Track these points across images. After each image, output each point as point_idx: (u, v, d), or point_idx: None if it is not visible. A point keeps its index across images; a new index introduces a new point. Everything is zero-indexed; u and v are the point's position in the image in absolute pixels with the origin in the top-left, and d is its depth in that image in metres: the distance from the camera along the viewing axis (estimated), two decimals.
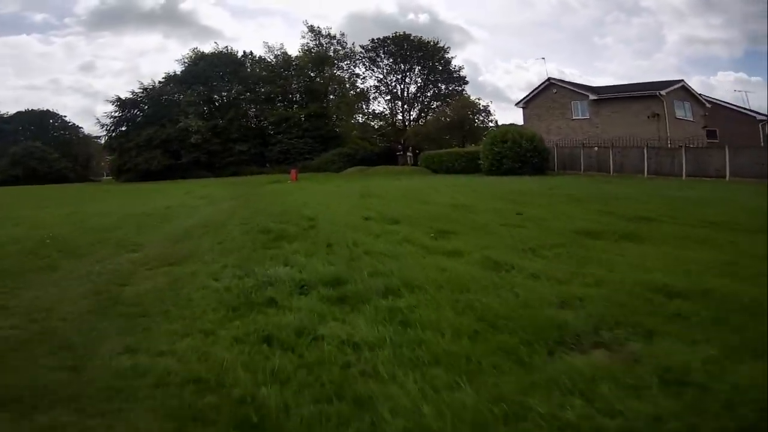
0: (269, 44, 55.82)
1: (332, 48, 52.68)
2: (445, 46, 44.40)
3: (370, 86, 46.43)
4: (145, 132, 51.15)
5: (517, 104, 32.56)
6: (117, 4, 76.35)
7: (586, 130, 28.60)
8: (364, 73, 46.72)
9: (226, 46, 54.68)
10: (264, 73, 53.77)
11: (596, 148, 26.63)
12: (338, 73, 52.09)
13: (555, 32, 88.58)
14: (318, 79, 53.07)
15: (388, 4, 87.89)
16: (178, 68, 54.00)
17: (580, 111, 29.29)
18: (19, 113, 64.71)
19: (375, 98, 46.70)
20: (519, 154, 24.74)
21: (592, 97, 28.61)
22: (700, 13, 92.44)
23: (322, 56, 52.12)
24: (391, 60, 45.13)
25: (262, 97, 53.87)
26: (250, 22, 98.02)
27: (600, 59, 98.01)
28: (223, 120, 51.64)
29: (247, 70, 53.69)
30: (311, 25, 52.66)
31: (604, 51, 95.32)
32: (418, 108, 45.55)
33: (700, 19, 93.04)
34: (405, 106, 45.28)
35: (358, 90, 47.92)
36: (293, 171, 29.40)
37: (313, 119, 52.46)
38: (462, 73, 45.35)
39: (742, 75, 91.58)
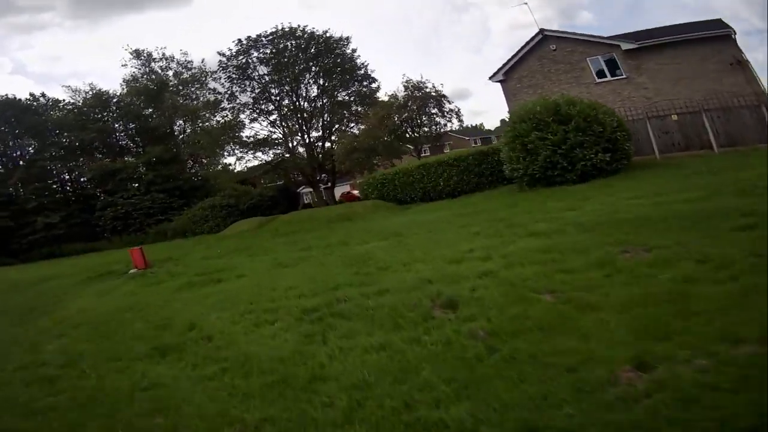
0: (72, 86, 38.20)
1: (172, 72, 37.42)
2: (344, 37, 31.80)
3: (242, 104, 31.39)
4: None
5: (492, 77, 21.15)
6: None
7: (626, 95, 18.15)
8: (232, 91, 31.53)
9: (6, 95, 36.15)
10: (70, 117, 36.12)
11: (675, 116, 16.05)
12: (185, 102, 36.77)
13: (397, 43, 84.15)
14: (154, 116, 37.05)
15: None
16: None
17: (607, 70, 18.81)
18: None
19: (254, 120, 31.85)
20: (599, 139, 12.74)
21: (626, 46, 18.23)
22: None
23: (158, 84, 36.40)
24: (270, 67, 30.91)
25: (77, 149, 36.04)
26: (58, 89, 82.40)
27: (440, 63, 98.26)
28: (9, 185, 32.79)
29: (40, 118, 35.72)
30: (136, 50, 36.73)
31: (441, 53, 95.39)
32: (320, 123, 31.78)
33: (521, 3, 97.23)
34: (303, 124, 31.19)
35: (225, 117, 32.54)
36: (135, 251, 13.75)
37: (160, 167, 36.07)
38: (369, 70, 32.99)
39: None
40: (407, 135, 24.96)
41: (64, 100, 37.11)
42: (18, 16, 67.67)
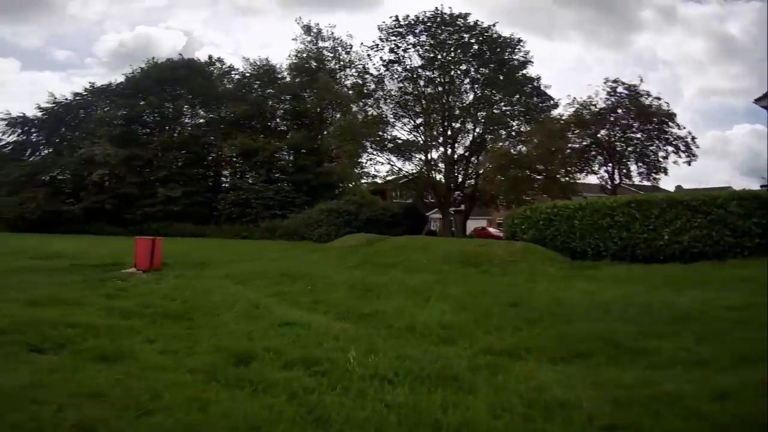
0: (251, 59, 36.60)
1: (334, 54, 34.10)
2: (514, 38, 24.87)
3: (387, 94, 25.99)
4: (28, 163, 33.19)
5: (759, 100, 12.61)
6: (135, 47, 63.19)
7: None
8: (382, 75, 26.35)
9: (191, 58, 36.51)
10: (233, 87, 34.99)
11: None
12: (338, 87, 33.04)
13: (568, 91, 71.85)
14: (309, 98, 34.04)
15: None
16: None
17: None
18: None
19: (399, 116, 26.39)
20: None
21: None
22: (720, 62, 77.28)
23: (318, 62, 33.53)
24: (424, 60, 25.26)
25: (231, 122, 34.13)
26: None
27: None
28: (150, 148, 32.24)
29: (210, 83, 34.68)
30: (307, 24, 34.14)
31: None
32: (469, 137, 25.06)
33: (719, 68, 78.64)
34: (450, 135, 24.79)
35: (371, 107, 27.26)
36: (142, 244, 9.04)
37: (299, 156, 33.09)
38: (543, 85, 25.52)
39: (758, 126, 75.04)
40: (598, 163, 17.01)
41: (237, 69, 35.75)
42: None
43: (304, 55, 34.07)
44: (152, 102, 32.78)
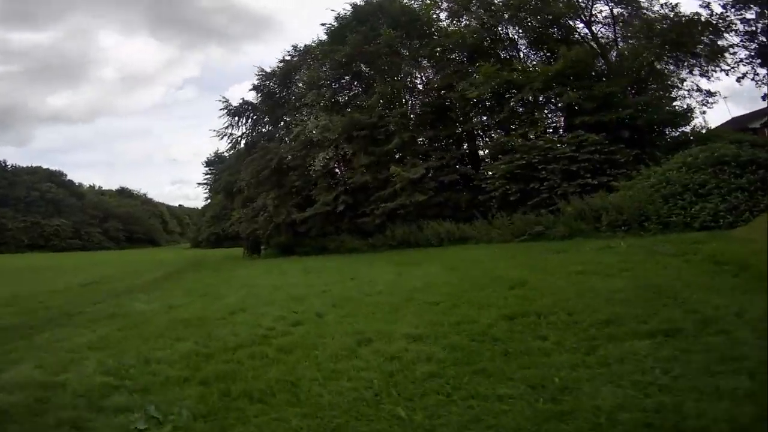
0: None
1: None
2: None
3: None
4: (249, 161, 24.31)
5: None
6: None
7: None
8: None
9: None
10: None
11: None
12: None
13: None
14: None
15: None
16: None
17: None
18: None
19: None
20: None
21: None
22: None
23: None
24: None
25: (465, 52, 22.27)
26: None
27: None
28: (368, 108, 21.30)
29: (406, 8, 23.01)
30: None
31: None
32: None
33: None
34: None
35: None
36: None
37: (594, 85, 18.18)
38: None
39: None
40: None
41: None
42: None
43: None
44: (355, 42, 21.58)
